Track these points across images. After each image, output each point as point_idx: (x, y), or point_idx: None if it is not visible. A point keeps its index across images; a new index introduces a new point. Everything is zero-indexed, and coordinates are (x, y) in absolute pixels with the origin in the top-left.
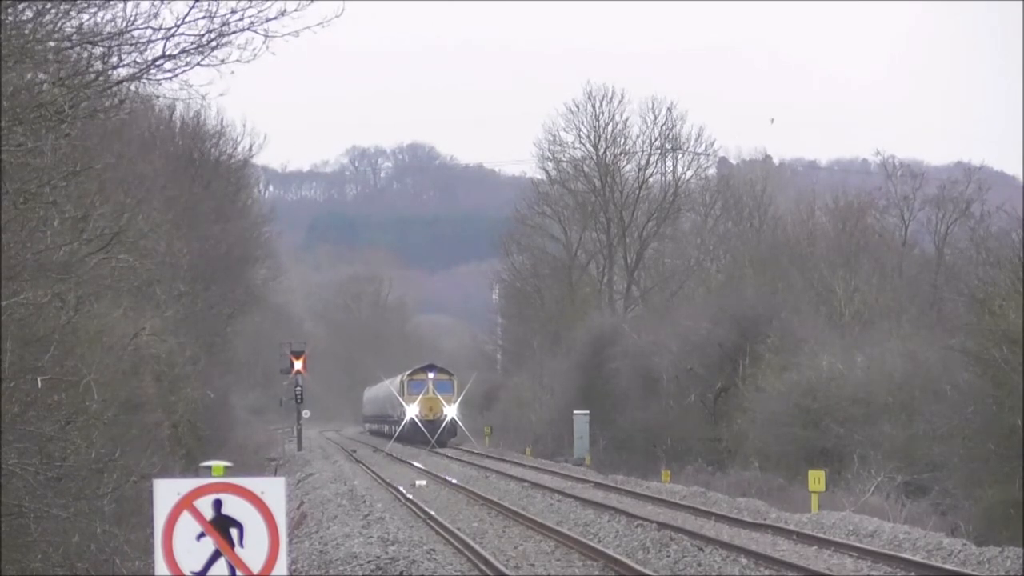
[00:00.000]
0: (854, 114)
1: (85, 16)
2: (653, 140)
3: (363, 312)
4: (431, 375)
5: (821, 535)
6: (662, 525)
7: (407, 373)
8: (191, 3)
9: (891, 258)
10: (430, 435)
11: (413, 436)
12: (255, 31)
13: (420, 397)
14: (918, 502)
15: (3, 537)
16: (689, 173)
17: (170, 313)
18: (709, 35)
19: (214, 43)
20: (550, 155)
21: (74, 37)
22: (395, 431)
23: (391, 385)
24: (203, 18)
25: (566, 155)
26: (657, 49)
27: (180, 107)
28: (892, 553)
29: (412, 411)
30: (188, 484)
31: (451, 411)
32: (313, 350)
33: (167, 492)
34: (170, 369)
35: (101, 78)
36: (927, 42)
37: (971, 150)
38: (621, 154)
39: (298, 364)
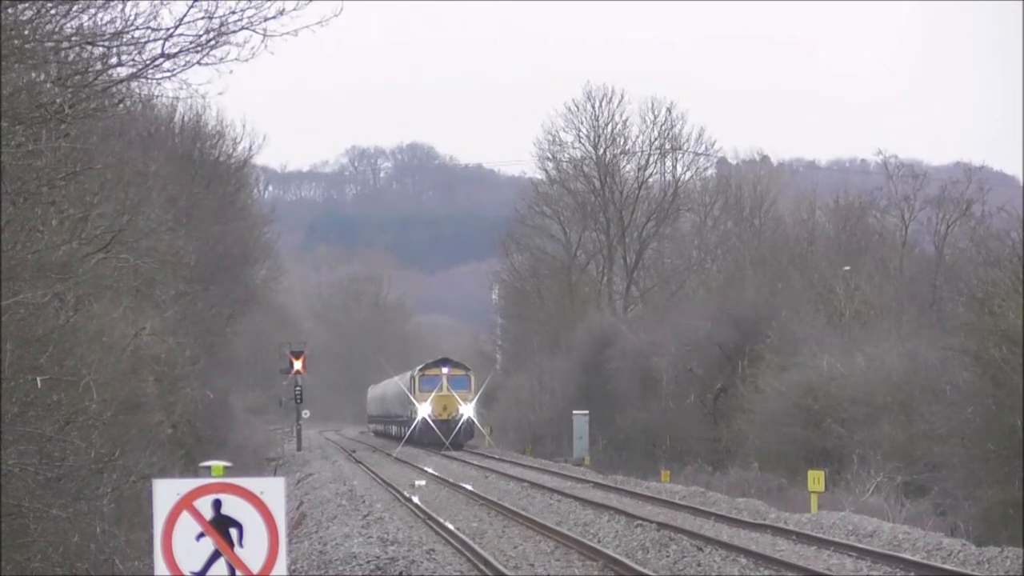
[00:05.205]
0: (854, 114)
1: (85, 16)
2: (653, 140)
3: (363, 312)
4: (445, 370)
5: (821, 535)
6: (662, 525)
7: (418, 368)
8: (190, 3)
9: (892, 258)
10: (444, 436)
11: (425, 438)
12: (254, 30)
13: (433, 395)
14: (918, 502)
15: (3, 537)
16: (689, 174)
17: (170, 313)
18: (709, 30)
19: (213, 43)
20: (550, 155)
21: (74, 37)
22: (404, 432)
23: (400, 382)
24: (202, 18)
25: (566, 155)
26: (656, 43)
27: (180, 107)
28: (892, 553)
29: (424, 410)
30: (188, 484)
31: (467, 410)
32: (313, 350)
33: (167, 492)
34: (170, 369)
35: (101, 78)
36: (926, 42)
37: (971, 150)
38: (621, 154)
39: (298, 364)
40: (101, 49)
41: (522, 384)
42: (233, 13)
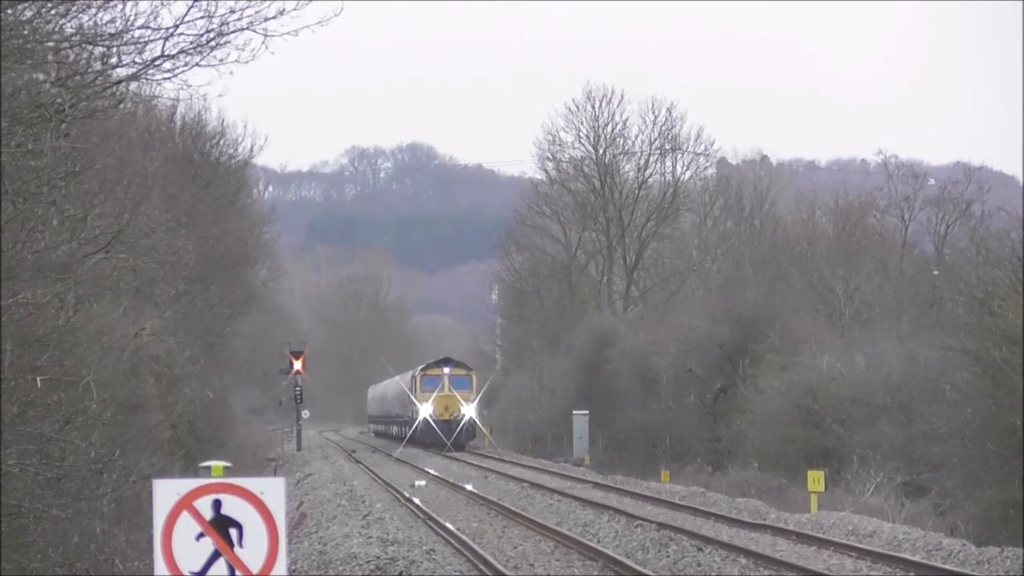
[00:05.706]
0: (854, 114)
1: (85, 16)
2: (653, 140)
3: (362, 312)
4: (447, 370)
5: (820, 535)
6: (662, 525)
7: (420, 368)
8: (190, 3)
9: (892, 258)
10: (446, 437)
11: (426, 438)
12: (254, 31)
13: (435, 395)
14: (917, 502)
15: (3, 537)
16: (688, 173)
17: (170, 313)
18: (709, 30)
19: (213, 43)
20: (550, 155)
21: (74, 37)
22: (405, 432)
23: (401, 381)
24: (202, 18)
25: (566, 155)
26: (656, 43)
27: (181, 107)
28: (891, 553)
29: (426, 410)
30: (187, 484)
31: (469, 410)
32: (313, 350)
33: (166, 492)
34: (170, 369)
35: (101, 78)
36: (926, 42)
37: (971, 150)
38: (621, 154)
39: (297, 364)
40: (101, 49)
41: (522, 384)
42: (233, 13)
